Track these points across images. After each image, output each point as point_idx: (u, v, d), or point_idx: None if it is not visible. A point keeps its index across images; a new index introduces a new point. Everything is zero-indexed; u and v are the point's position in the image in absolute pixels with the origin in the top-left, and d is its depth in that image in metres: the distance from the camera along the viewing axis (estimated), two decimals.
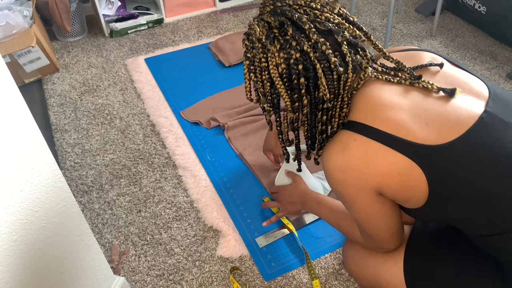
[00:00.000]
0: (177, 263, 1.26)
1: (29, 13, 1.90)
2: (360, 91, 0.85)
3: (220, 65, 2.03)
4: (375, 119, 0.80)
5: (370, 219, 0.88)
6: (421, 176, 0.76)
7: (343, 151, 0.81)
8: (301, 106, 0.85)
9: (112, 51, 2.16)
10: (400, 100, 0.80)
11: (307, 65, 0.80)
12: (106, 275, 1.04)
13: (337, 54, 0.80)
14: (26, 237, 0.74)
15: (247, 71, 0.90)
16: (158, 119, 1.74)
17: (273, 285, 1.19)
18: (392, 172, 0.78)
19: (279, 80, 0.83)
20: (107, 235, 1.34)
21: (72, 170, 1.56)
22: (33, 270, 0.78)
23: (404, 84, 0.83)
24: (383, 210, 0.86)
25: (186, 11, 2.41)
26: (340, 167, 0.82)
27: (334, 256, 1.25)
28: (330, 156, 0.83)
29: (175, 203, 1.43)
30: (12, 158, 0.69)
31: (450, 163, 0.76)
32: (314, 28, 0.79)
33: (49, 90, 1.93)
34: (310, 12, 0.81)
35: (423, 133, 0.76)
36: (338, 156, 0.82)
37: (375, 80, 0.85)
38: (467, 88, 0.82)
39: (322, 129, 0.90)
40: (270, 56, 0.83)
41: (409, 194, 0.80)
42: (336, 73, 0.80)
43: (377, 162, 0.79)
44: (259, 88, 0.90)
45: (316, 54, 0.79)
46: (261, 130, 1.65)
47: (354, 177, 0.81)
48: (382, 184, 0.80)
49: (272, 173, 1.47)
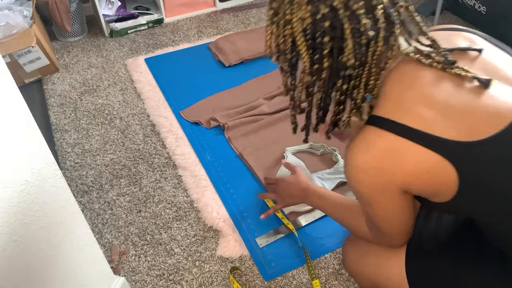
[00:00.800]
0: (177, 263, 1.26)
1: (29, 13, 1.90)
2: (387, 79, 0.79)
3: (220, 65, 2.03)
4: (403, 114, 0.74)
5: (388, 216, 0.85)
6: (453, 173, 0.72)
7: (367, 150, 0.76)
8: (320, 69, 0.77)
9: (112, 51, 2.16)
10: (431, 92, 0.75)
11: (335, 24, 0.72)
12: (106, 275, 1.04)
13: (370, 17, 0.72)
14: (26, 237, 0.74)
15: (269, 23, 0.80)
16: (158, 119, 1.74)
17: (273, 285, 1.19)
18: (420, 170, 0.74)
19: (302, 36, 0.75)
20: (107, 235, 1.34)
21: (72, 170, 1.56)
22: (33, 270, 0.78)
23: (435, 68, 0.76)
24: (403, 208, 0.83)
25: (186, 11, 2.41)
26: (364, 166, 0.77)
27: (334, 256, 1.25)
28: (353, 155, 0.78)
29: (175, 203, 1.43)
30: (12, 158, 0.69)
31: (486, 161, 0.72)
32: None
33: (49, 90, 1.93)
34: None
35: (456, 128, 0.72)
36: (362, 155, 0.77)
37: (404, 64, 0.79)
38: (505, 77, 0.77)
39: (340, 99, 0.81)
40: (296, 8, 0.74)
41: (437, 189, 0.76)
42: (366, 37, 0.73)
43: (405, 161, 0.74)
44: (279, 44, 0.81)
45: (347, 13, 0.71)
46: (261, 130, 1.65)
47: (379, 176, 0.77)
48: (409, 182, 0.76)
49: (272, 173, 1.47)
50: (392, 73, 0.79)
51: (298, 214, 1.34)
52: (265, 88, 1.87)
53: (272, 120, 1.68)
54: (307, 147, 1.54)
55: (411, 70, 0.78)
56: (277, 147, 1.57)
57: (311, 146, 1.54)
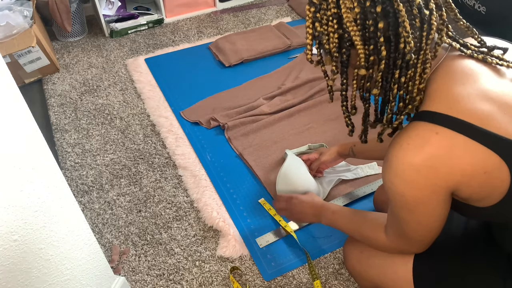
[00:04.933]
0: (177, 263, 1.26)
1: (29, 13, 1.90)
2: (434, 75, 0.75)
3: (220, 65, 2.03)
4: (459, 109, 0.68)
5: (429, 222, 0.78)
6: (507, 176, 0.68)
7: (422, 147, 0.70)
8: (377, 60, 0.72)
9: (112, 51, 2.17)
10: (486, 86, 0.70)
11: (387, 8, 0.67)
12: (106, 275, 1.04)
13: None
14: (26, 237, 0.74)
15: (311, 22, 0.74)
16: (158, 119, 1.74)
17: (273, 285, 1.19)
18: (477, 170, 0.68)
19: (354, 26, 0.69)
20: (107, 235, 1.34)
21: (72, 170, 1.56)
22: (33, 270, 0.78)
23: (476, 57, 0.73)
24: (445, 211, 0.77)
25: (186, 11, 2.42)
26: (417, 165, 0.70)
27: (334, 256, 1.25)
28: (404, 152, 0.71)
29: (175, 203, 1.43)
30: (12, 158, 0.69)
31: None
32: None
33: (49, 90, 1.93)
34: None
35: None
36: (415, 153, 0.70)
37: (449, 59, 0.75)
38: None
39: (398, 94, 0.76)
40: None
41: (488, 193, 0.71)
42: (420, 19, 0.68)
43: (463, 160, 0.68)
44: (323, 43, 0.75)
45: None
46: (261, 130, 1.65)
47: (432, 177, 0.70)
48: (464, 183, 0.70)
49: (272, 173, 1.47)
50: (438, 68, 0.75)
51: None
52: (265, 88, 1.87)
53: (272, 120, 1.68)
54: (306, 148, 1.54)
55: (459, 64, 0.74)
56: (277, 147, 1.57)
57: (310, 147, 1.54)
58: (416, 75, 0.73)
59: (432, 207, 0.75)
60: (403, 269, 0.93)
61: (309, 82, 1.86)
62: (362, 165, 1.47)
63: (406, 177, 0.72)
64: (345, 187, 1.41)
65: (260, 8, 2.49)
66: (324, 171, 1.44)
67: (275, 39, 2.13)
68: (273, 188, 1.41)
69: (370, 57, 0.72)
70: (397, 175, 0.73)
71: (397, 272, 0.95)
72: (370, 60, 0.72)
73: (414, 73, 0.73)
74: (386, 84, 0.75)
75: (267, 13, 2.45)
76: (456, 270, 0.87)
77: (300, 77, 1.90)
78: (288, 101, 1.76)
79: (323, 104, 1.75)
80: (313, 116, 1.70)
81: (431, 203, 0.74)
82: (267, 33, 2.19)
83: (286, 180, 1.34)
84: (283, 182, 1.35)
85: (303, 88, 1.84)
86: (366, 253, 1.04)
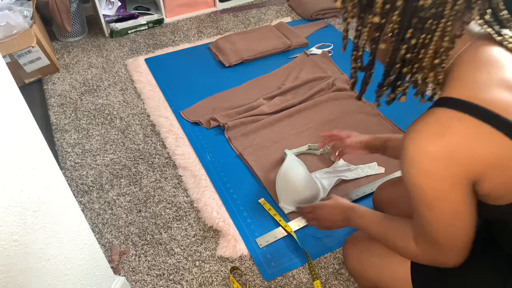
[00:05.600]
0: (177, 263, 1.26)
1: (29, 13, 1.90)
2: (459, 60, 0.71)
3: (220, 65, 2.03)
4: (484, 98, 0.65)
5: (454, 221, 0.72)
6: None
7: (442, 135, 0.65)
8: (392, 9, 0.67)
9: (112, 51, 2.17)
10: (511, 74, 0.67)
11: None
12: (106, 275, 1.04)
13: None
14: (26, 237, 0.74)
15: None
16: (158, 119, 1.74)
17: (273, 285, 1.19)
18: (504, 162, 0.65)
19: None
20: (107, 235, 1.34)
21: (72, 170, 1.56)
22: (33, 270, 0.78)
23: (506, 46, 0.69)
24: (470, 209, 0.71)
25: (186, 11, 2.42)
26: (436, 154, 0.65)
27: (334, 256, 1.25)
28: (422, 141, 0.66)
29: (175, 203, 1.43)
30: (12, 158, 0.69)
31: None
32: None
33: (49, 90, 1.93)
34: None
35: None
36: (435, 141, 0.65)
37: (476, 45, 0.71)
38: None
39: (405, 57, 0.71)
40: None
41: (508, 190, 0.68)
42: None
43: (487, 150, 0.64)
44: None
45: None
46: (261, 130, 1.65)
47: (453, 167, 0.66)
48: (487, 175, 0.66)
49: (272, 173, 1.47)
50: (463, 54, 0.71)
51: (298, 214, 1.34)
52: (265, 88, 1.87)
53: (272, 120, 1.68)
54: (306, 149, 1.54)
55: (486, 51, 0.70)
56: (277, 147, 1.57)
57: (310, 147, 1.55)
58: (431, 43, 0.68)
59: (452, 203, 0.70)
60: (402, 269, 0.94)
61: (309, 82, 1.86)
62: (362, 165, 1.47)
63: (423, 166, 0.67)
64: (345, 187, 1.41)
65: (260, 8, 2.49)
66: (323, 171, 1.44)
67: (275, 39, 2.13)
68: (273, 188, 1.41)
69: (386, 5, 0.68)
70: (413, 165, 0.68)
71: (397, 272, 0.95)
72: (385, 8, 0.68)
73: (430, 40, 0.68)
74: (396, 41, 0.70)
75: (267, 13, 2.45)
76: (456, 270, 0.87)
77: (300, 77, 1.90)
78: (288, 101, 1.76)
79: (323, 104, 1.75)
80: (313, 116, 1.70)
81: (452, 197, 0.69)
82: (267, 33, 2.19)
83: (285, 180, 1.34)
84: (282, 182, 1.35)
85: (303, 88, 1.84)
86: (365, 253, 1.04)
